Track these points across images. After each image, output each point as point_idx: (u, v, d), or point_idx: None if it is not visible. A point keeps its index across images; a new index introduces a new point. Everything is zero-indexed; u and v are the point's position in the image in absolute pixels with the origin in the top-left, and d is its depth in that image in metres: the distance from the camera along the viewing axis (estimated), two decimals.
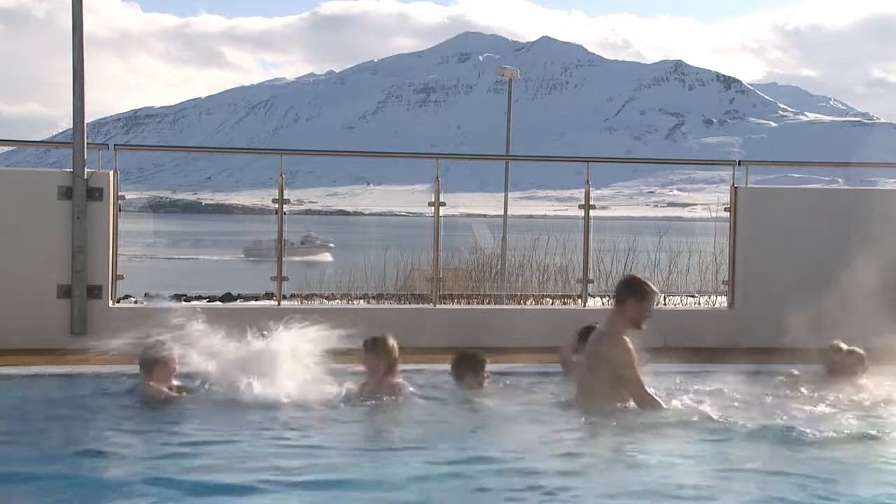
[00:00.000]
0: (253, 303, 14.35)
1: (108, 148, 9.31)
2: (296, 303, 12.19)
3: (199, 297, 17.53)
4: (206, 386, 6.71)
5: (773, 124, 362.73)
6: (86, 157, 8.81)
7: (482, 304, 12.11)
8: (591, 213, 10.02)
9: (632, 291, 6.42)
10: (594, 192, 10.01)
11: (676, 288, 12.76)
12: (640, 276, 6.86)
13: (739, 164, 10.16)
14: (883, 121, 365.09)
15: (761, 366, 7.63)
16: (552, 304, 12.22)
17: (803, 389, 6.94)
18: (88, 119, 9.10)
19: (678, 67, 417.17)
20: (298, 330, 6.70)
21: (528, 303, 12.43)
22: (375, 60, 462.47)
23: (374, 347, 6.70)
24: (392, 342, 6.73)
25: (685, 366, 7.69)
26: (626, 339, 6.32)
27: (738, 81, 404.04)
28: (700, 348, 8.76)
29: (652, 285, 6.54)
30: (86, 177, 8.78)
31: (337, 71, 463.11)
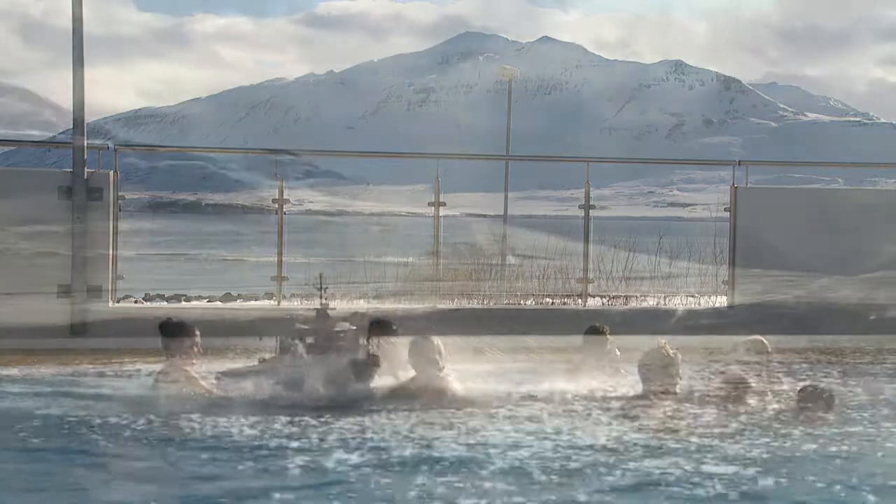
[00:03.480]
0: (253, 303, 14.34)
1: (108, 148, 9.32)
2: (296, 303, 12.18)
3: (198, 297, 17.52)
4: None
5: (773, 124, 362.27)
6: (86, 157, 8.82)
7: (482, 303, 12.10)
8: (591, 213, 10.03)
9: None
10: (594, 192, 10.02)
11: (676, 288, 12.76)
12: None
13: (739, 164, 10.17)
14: (883, 121, 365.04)
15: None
16: (552, 303, 12.21)
17: None
18: (88, 119, 9.10)
19: (678, 67, 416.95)
20: None
21: (528, 303, 12.42)
22: (375, 60, 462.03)
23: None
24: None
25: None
26: None
27: (738, 81, 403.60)
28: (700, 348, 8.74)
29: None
30: (86, 177, 8.79)
31: (337, 71, 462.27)
